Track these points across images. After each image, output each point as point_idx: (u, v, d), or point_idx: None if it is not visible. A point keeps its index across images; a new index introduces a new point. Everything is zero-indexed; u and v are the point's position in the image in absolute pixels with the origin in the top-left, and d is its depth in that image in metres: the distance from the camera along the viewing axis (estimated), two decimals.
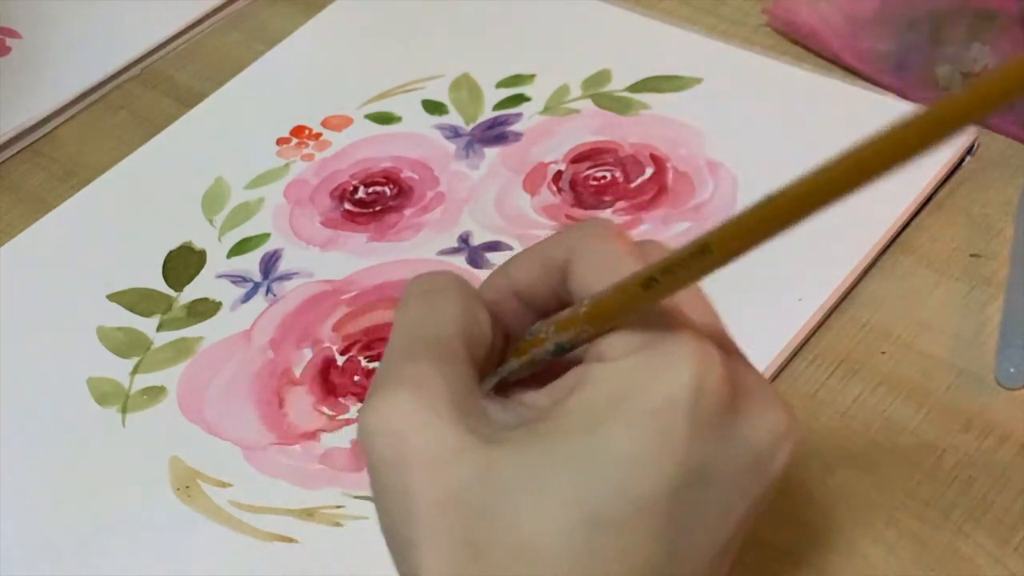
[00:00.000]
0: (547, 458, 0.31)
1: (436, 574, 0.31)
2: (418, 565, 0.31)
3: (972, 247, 0.50)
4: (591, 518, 0.30)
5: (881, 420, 0.45)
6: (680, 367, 0.31)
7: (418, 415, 0.31)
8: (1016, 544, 0.41)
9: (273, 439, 0.47)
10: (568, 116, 0.58)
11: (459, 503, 0.30)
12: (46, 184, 0.59)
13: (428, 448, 0.31)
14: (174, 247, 0.54)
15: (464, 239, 0.53)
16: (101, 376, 0.50)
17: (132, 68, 0.63)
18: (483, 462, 0.31)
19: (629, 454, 0.30)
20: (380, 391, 0.32)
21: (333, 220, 0.55)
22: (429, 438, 0.31)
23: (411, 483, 0.31)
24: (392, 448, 0.31)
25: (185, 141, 0.59)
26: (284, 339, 0.50)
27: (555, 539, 0.30)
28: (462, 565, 0.30)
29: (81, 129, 0.61)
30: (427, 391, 0.31)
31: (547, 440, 0.31)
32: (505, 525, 0.30)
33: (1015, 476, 0.43)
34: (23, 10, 0.67)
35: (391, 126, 0.59)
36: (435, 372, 0.32)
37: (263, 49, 0.63)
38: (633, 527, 0.30)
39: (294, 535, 0.44)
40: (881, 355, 0.47)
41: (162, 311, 0.52)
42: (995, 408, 0.45)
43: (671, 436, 0.30)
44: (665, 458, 0.30)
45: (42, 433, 0.48)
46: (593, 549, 0.30)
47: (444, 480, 0.31)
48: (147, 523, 0.45)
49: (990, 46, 0.55)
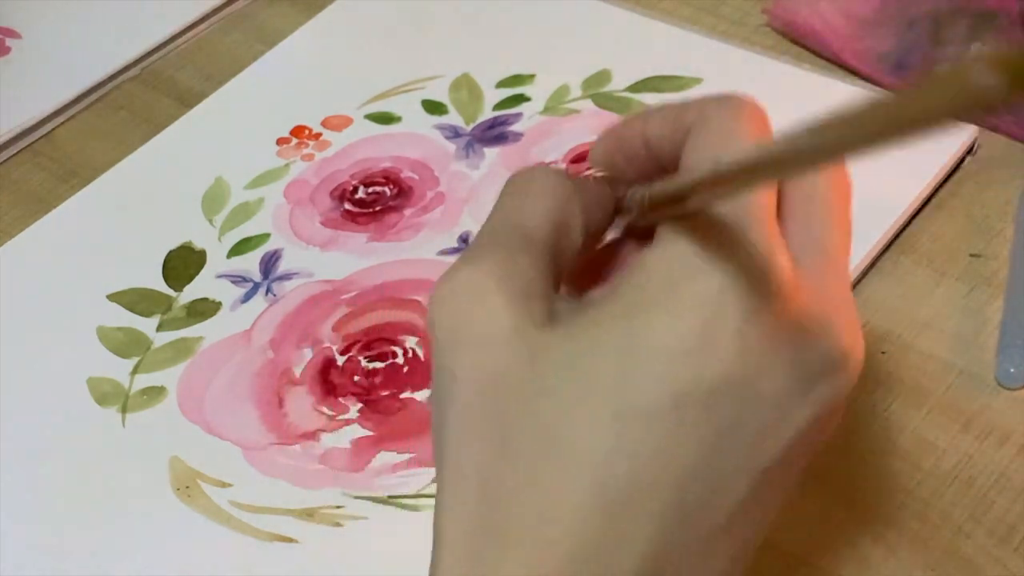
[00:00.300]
0: (591, 344, 0.30)
1: (456, 462, 0.30)
2: (442, 450, 0.30)
3: (972, 247, 0.50)
4: (626, 410, 0.29)
5: (881, 420, 0.45)
6: (736, 265, 0.29)
7: (482, 293, 0.31)
8: (1016, 544, 0.41)
9: (273, 439, 0.47)
10: (568, 116, 0.58)
11: (499, 385, 0.30)
12: (46, 184, 0.59)
13: (483, 325, 0.30)
14: (174, 247, 0.54)
15: (464, 239, 0.53)
16: (101, 376, 0.50)
17: (132, 68, 0.63)
18: (531, 345, 0.30)
19: (668, 345, 0.29)
20: (456, 266, 0.32)
21: (333, 220, 0.55)
22: (486, 316, 0.30)
23: (459, 359, 0.30)
24: (451, 319, 0.31)
25: (185, 141, 0.59)
26: (284, 339, 0.50)
27: (587, 432, 0.29)
28: (486, 454, 0.30)
29: (81, 129, 0.61)
30: (497, 273, 0.31)
31: (593, 327, 0.30)
32: (539, 412, 0.29)
33: (1015, 476, 0.43)
34: (23, 10, 0.67)
35: (391, 126, 0.59)
36: (510, 258, 0.31)
37: (263, 49, 0.63)
38: (668, 425, 0.29)
39: (294, 535, 0.44)
40: (881, 355, 0.47)
41: (162, 311, 0.52)
42: (995, 408, 0.45)
43: (715, 334, 0.29)
44: (706, 355, 0.29)
45: (42, 433, 0.48)
46: (625, 445, 0.29)
47: (491, 360, 0.30)
48: (147, 523, 0.45)
49: (990, 46, 0.55)
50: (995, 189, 0.52)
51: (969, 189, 0.52)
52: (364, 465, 0.46)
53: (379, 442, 0.47)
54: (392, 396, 0.48)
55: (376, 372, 0.49)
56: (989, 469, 0.43)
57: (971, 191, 0.52)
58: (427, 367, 0.49)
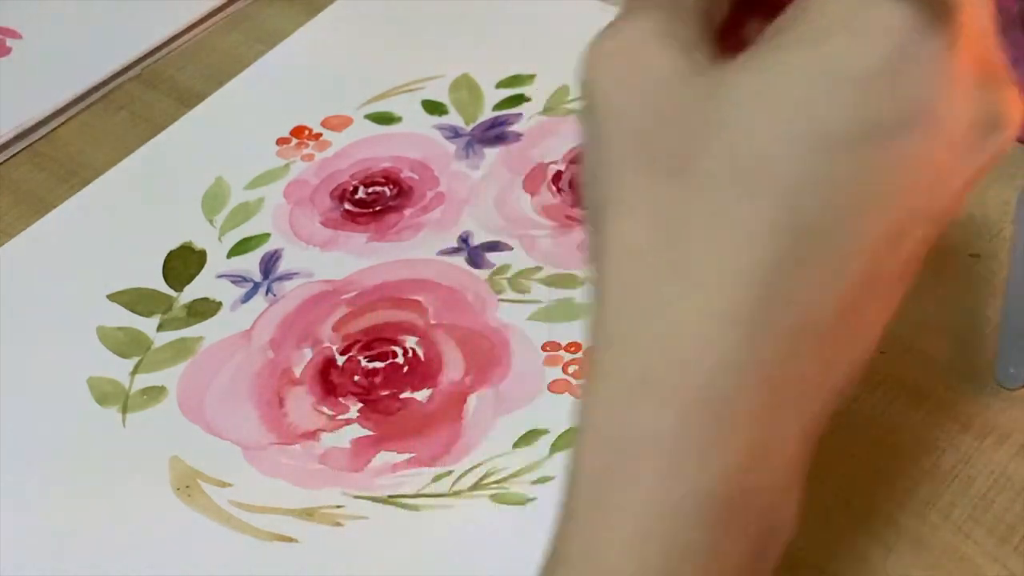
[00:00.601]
0: (777, 71, 0.28)
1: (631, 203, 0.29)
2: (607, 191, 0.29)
3: (972, 247, 0.50)
4: (818, 137, 0.28)
5: (881, 420, 0.45)
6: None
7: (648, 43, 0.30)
8: (1016, 544, 0.41)
9: (273, 439, 0.47)
10: (568, 116, 0.58)
11: (678, 122, 0.29)
12: (46, 184, 0.59)
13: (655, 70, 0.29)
14: (174, 247, 0.54)
15: (464, 239, 0.53)
16: (101, 376, 0.50)
17: (132, 68, 0.63)
18: (710, 81, 0.29)
19: (861, 71, 0.28)
20: (612, 26, 0.30)
21: (333, 220, 0.55)
22: (658, 60, 0.29)
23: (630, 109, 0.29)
24: (617, 71, 0.30)
25: (185, 141, 0.59)
26: (284, 339, 0.50)
27: (776, 159, 0.28)
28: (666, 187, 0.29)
29: (81, 129, 0.61)
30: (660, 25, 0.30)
31: (777, 53, 0.29)
32: (723, 143, 0.28)
33: (1015, 476, 0.43)
34: (23, 10, 0.67)
35: (391, 126, 0.59)
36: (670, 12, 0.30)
37: (263, 49, 0.63)
38: (860, 154, 0.28)
39: (294, 535, 0.44)
40: (881, 355, 0.47)
41: (162, 311, 0.52)
42: (995, 408, 0.45)
43: (907, 63, 0.28)
44: (899, 85, 0.28)
45: (42, 433, 0.48)
46: (817, 171, 0.28)
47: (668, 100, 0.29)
48: (147, 523, 0.45)
49: None
50: (995, 189, 0.52)
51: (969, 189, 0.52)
52: (364, 465, 0.46)
53: (379, 442, 0.47)
54: (392, 396, 0.48)
55: (376, 372, 0.49)
56: (988, 469, 0.43)
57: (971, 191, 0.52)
58: (427, 367, 0.49)
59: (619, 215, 0.29)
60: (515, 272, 0.52)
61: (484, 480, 0.45)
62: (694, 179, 0.29)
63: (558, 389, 0.47)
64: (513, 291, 0.51)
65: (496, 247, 0.53)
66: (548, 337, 0.49)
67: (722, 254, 0.28)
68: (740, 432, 0.28)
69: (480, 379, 0.48)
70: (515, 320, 0.50)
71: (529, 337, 0.49)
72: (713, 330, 0.28)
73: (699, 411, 0.28)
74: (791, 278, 0.28)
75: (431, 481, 0.45)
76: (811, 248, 0.28)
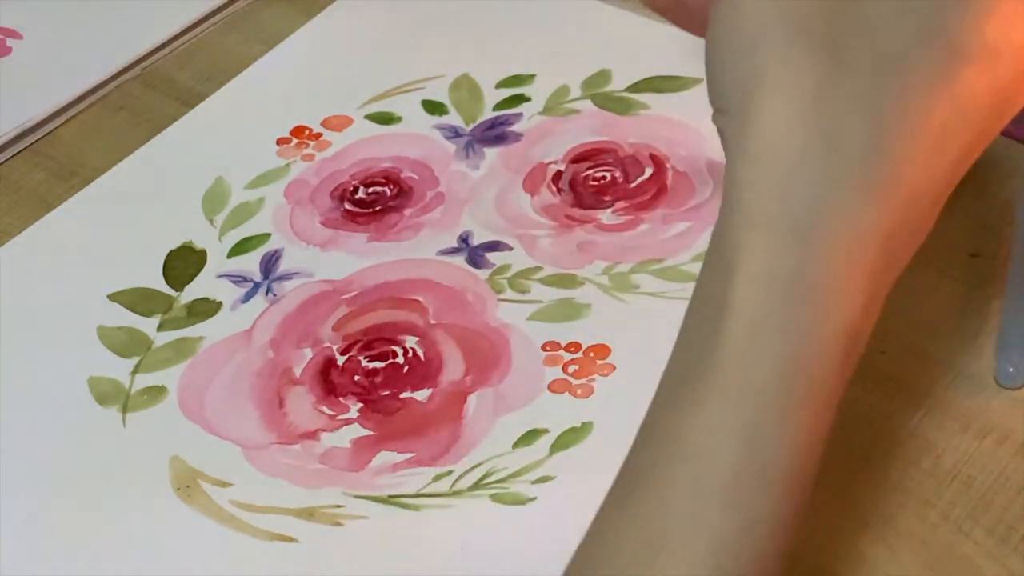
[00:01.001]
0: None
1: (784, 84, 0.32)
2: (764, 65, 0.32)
3: (972, 247, 0.50)
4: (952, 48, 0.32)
5: (881, 420, 0.45)
6: None
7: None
8: (1015, 543, 0.41)
9: (273, 439, 0.47)
10: (568, 116, 0.58)
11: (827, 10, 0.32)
12: (46, 184, 0.59)
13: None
14: (174, 247, 0.55)
15: (464, 239, 0.53)
16: (101, 376, 0.50)
17: (132, 68, 0.63)
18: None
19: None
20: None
21: (333, 220, 0.55)
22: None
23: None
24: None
25: (185, 141, 0.59)
26: (284, 339, 0.50)
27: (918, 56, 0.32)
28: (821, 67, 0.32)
29: (81, 129, 0.61)
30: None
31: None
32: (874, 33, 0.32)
33: (1014, 476, 0.43)
34: (23, 10, 0.67)
35: (391, 126, 0.59)
36: None
37: (263, 49, 0.63)
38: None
39: (294, 535, 0.44)
40: (881, 355, 0.47)
41: (162, 311, 0.52)
42: (994, 408, 0.45)
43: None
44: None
45: (42, 433, 0.48)
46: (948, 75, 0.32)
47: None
48: (147, 523, 0.45)
49: None
50: (995, 189, 0.52)
51: (969, 189, 0.52)
52: (364, 465, 0.46)
53: (379, 442, 0.47)
54: (392, 396, 0.48)
55: (376, 372, 0.49)
56: (988, 468, 0.43)
57: (971, 191, 0.52)
58: (427, 367, 0.49)
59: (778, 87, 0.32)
60: (515, 272, 0.52)
61: (484, 480, 0.45)
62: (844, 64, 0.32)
63: (558, 389, 0.47)
64: (513, 291, 0.51)
65: (496, 247, 0.53)
66: (548, 337, 0.49)
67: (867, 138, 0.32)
68: None
69: (480, 379, 0.48)
70: (515, 320, 0.50)
71: (529, 337, 0.49)
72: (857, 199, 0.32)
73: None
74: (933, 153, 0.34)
75: (431, 481, 0.45)
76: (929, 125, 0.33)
